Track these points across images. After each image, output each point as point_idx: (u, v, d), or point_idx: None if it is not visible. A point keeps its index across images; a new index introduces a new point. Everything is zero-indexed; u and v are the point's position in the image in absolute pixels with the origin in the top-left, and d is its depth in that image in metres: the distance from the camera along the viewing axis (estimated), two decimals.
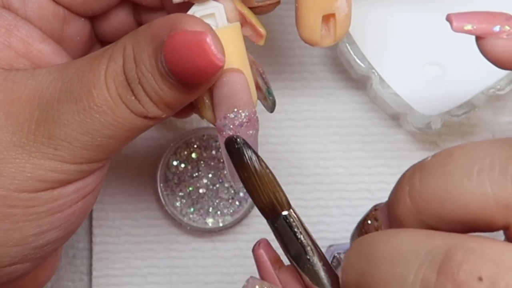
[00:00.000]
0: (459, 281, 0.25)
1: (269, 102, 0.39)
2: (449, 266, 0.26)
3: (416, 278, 0.27)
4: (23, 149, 0.34)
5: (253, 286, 0.32)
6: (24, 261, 0.36)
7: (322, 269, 0.34)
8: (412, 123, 0.50)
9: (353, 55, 0.50)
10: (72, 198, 0.36)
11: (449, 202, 0.28)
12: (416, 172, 0.30)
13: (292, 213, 0.35)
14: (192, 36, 0.32)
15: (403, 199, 0.30)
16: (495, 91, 0.50)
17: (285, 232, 0.35)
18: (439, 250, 0.27)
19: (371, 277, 0.28)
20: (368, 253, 0.29)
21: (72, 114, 0.34)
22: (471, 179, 0.28)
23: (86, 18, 0.40)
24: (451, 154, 0.29)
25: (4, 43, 0.36)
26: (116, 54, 0.34)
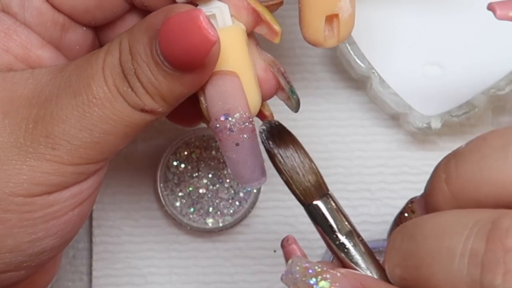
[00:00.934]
0: (509, 246, 0.26)
1: (293, 102, 0.39)
2: (497, 233, 0.26)
3: (465, 249, 0.27)
4: (20, 149, 0.34)
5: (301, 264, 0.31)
6: (19, 268, 0.36)
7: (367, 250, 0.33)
8: (412, 123, 0.50)
9: (353, 55, 0.50)
10: (68, 204, 0.36)
11: (486, 185, 0.28)
12: (451, 159, 0.30)
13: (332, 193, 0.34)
14: (185, 14, 0.32)
15: (440, 187, 0.29)
16: (495, 91, 0.50)
17: (335, 211, 0.33)
18: (486, 221, 0.27)
19: (418, 255, 0.28)
20: (413, 233, 0.29)
21: (70, 108, 0.34)
22: (507, 159, 0.28)
23: (88, 27, 0.40)
24: (484, 139, 0.29)
25: (3, 48, 0.36)
26: (112, 47, 0.34)
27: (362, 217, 0.53)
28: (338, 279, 0.30)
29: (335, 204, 0.34)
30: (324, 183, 0.34)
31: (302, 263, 0.31)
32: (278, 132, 0.35)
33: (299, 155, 0.34)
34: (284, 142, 0.35)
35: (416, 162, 0.53)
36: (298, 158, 0.34)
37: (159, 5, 0.38)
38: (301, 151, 0.34)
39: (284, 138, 0.35)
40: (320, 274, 0.30)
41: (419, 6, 0.51)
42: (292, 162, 0.34)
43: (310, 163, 0.34)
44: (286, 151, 0.34)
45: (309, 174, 0.34)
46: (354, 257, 0.33)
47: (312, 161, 0.34)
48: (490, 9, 0.38)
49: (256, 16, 0.36)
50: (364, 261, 0.33)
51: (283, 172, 0.34)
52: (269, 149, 0.35)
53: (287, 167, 0.34)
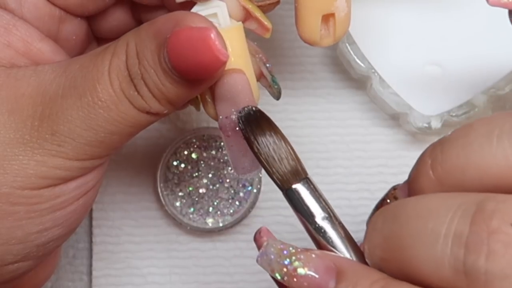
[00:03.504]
0: (492, 228, 0.26)
1: (275, 90, 0.39)
2: (481, 215, 0.26)
3: (448, 231, 0.27)
4: (26, 146, 0.34)
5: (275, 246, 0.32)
6: (27, 259, 0.37)
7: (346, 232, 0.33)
8: (412, 123, 0.50)
9: (353, 55, 0.50)
10: (74, 194, 0.36)
11: (471, 168, 0.28)
12: (437, 146, 0.30)
13: (310, 177, 0.34)
14: (196, 32, 0.33)
15: (426, 173, 0.30)
16: (495, 91, 0.50)
17: (313, 195, 0.33)
18: (471, 204, 0.27)
19: (400, 236, 0.28)
20: (396, 214, 0.29)
21: (76, 109, 0.34)
22: (492, 144, 0.28)
23: (82, 17, 0.40)
24: (471, 126, 0.29)
25: (4, 42, 0.37)
26: (119, 50, 0.34)
27: (362, 217, 0.52)
28: (311, 260, 0.30)
29: (313, 188, 0.34)
30: (303, 168, 0.34)
31: (277, 245, 0.31)
32: (255, 118, 0.35)
33: (276, 141, 0.34)
34: (261, 128, 0.35)
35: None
36: (275, 143, 0.34)
37: None
38: (279, 137, 0.34)
39: (261, 124, 0.35)
40: (294, 255, 0.31)
41: (419, 6, 0.51)
42: (269, 148, 0.34)
43: (288, 148, 0.34)
44: (263, 137, 0.34)
45: (286, 159, 0.34)
46: (333, 241, 0.33)
47: (290, 146, 0.34)
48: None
49: (246, 13, 0.37)
50: (342, 244, 0.33)
51: (260, 158, 0.34)
52: (247, 135, 0.35)
53: (264, 153, 0.34)
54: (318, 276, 0.30)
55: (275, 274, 0.31)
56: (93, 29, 0.42)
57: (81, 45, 0.41)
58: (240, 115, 0.35)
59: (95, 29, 0.42)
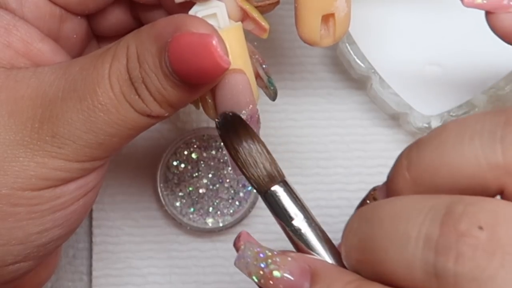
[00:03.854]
0: (461, 231, 0.26)
1: (271, 91, 0.39)
2: (450, 218, 0.27)
3: (419, 233, 0.27)
4: (26, 147, 0.34)
5: (252, 249, 0.32)
6: (27, 259, 0.37)
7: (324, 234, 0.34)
8: (412, 123, 0.50)
9: (353, 55, 0.50)
10: (74, 195, 0.36)
11: (444, 168, 0.29)
12: (414, 147, 0.30)
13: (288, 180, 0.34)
14: (197, 38, 0.33)
15: (402, 174, 0.30)
16: (495, 91, 0.50)
17: (290, 197, 0.34)
18: (441, 206, 0.27)
19: (373, 238, 0.29)
20: (370, 216, 0.29)
21: (76, 112, 0.34)
22: (463, 144, 0.28)
23: (82, 16, 0.41)
24: (445, 126, 0.30)
25: (4, 43, 0.37)
26: (119, 53, 0.34)
27: None
28: (287, 263, 0.31)
29: (290, 190, 0.34)
30: (279, 170, 0.34)
31: (253, 248, 0.32)
32: (231, 122, 0.35)
33: (253, 144, 0.34)
34: (237, 133, 0.35)
35: None
36: (253, 147, 0.34)
37: None
38: (255, 140, 0.35)
39: (238, 128, 0.35)
40: (270, 258, 0.31)
41: (419, 6, 0.51)
42: (246, 151, 0.34)
43: (264, 152, 0.34)
44: (240, 141, 0.35)
45: (263, 162, 0.34)
46: (310, 242, 0.33)
47: (266, 149, 0.35)
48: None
49: (243, 13, 0.37)
50: (320, 246, 0.33)
51: (237, 162, 0.34)
52: (224, 140, 0.35)
53: (242, 157, 0.34)
54: (294, 278, 0.31)
55: (252, 276, 0.32)
56: (92, 27, 0.42)
57: (81, 44, 0.41)
58: (218, 120, 0.35)
59: (95, 27, 0.42)
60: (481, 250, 0.26)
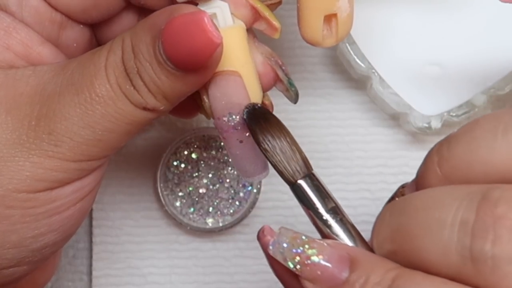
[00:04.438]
0: (498, 214, 0.26)
1: (292, 93, 0.39)
2: (487, 202, 0.27)
3: (454, 219, 0.27)
4: (22, 146, 0.34)
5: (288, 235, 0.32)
6: (22, 264, 0.36)
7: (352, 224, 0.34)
8: (412, 123, 0.50)
9: (353, 55, 0.50)
10: (71, 199, 0.36)
11: (477, 164, 0.29)
12: (444, 143, 0.30)
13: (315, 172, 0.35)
14: (189, 16, 0.33)
15: (433, 170, 0.30)
16: (495, 91, 0.50)
17: (319, 188, 0.34)
18: (477, 193, 0.27)
19: (408, 227, 0.29)
20: (403, 207, 0.29)
21: (73, 106, 0.34)
22: (496, 138, 0.28)
23: (85, 25, 0.40)
24: (477, 122, 0.30)
25: (4, 45, 0.36)
26: (115, 46, 0.35)
27: (362, 217, 0.52)
28: (325, 249, 0.31)
29: (319, 182, 0.34)
30: (308, 162, 0.35)
31: (289, 233, 0.31)
32: (261, 114, 0.35)
33: (283, 137, 0.35)
34: (269, 124, 0.35)
35: (416, 162, 0.52)
36: (283, 139, 0.35)
37: (155, 2, 0.38)
38: (285, 133, 0.35)
39: (269, 120, 0.35)
40: (307, 243, 0.31)
41: (419, 6, 0.51)
42: (277, 144, 0.35)
43: (294, 144, 0.35)
44: (271, 133, 0.35)
45: (293, 154, 0.34)
46: (339, 233, 0.33)
47: (295, 142, 0.35)
48: None
49: (254, 12, 0.37)
50: (349, 237, 0.33)
51: (269, 153, 0.35)
52: (253, 131, 0.35)
53: (272, 148, 0.34)
54: (332, 265, 0.30)
55: (288, 262, 0.31)
56: (98, 36, 0.42)
57: (82, 52, 0.41)
58: (246, 110, 0.35)
59: (100, 36, 0.42)
60: None
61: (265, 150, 0.35)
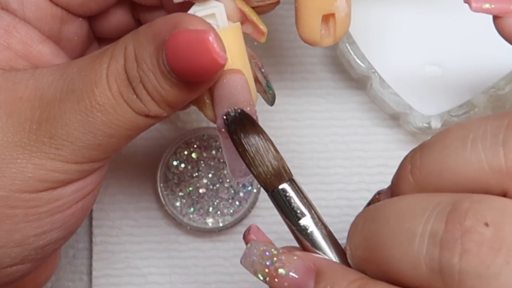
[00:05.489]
0: (466, 227, 0.26)
1: (269, 96, 0.39)
2: (456, 214, 0.27)
3: (424, 230, 0.27)
4: (24, 149, 0.34)
5: (258, 247, 0.32)
6: (25, 262, 0.36)
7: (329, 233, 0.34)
8: (412, 123, 0.50)
9: (353, 55, 0.50)
10: (73, 198, 0.36)
11: (447, 172, 0.29)
12: (417, 151, 0.31)
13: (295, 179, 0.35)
14: (194, 34, 0.32)
15: (406, 177, 0.30)
16: (495, 90, 0.50)
17: (297, 196, 0.34)
18: (446, 203, 0.27)
19: (379, 236, 0.29)
20: (375, 215, 0.30)
21: (74, 113, 0.34)
22: (466, 148, 0.29)
23: (83, 18, 0.40)
24: (448, 130, 0.30)
25: (4, 44, 0.36)
26: (117, 53, 0.34)
27: None
28: (292, 261, 0.31)
29: (298, 189, 0.34)
30: (287, 169, 0.35)
31: (259, 246, 0.32)
32: (241, 119, 0.35)
33: (262, 142, 0.35)
34: (247, 130, 0.35)
35: None
36: (261, 145, 0.35)
37: None
38: (264, 138, 0.35)
39: (247, 125, 0.35)
40: (276, 256, 0.31)
41: (419, 6, 0.51)
42: (255, 149, 0.34)
43: (273, 150, 0.35)
44: (249, 138, 0.35)
45: (271, 160, 0.34)
46: (316, 241, 0.33)
47: (275, 147, 0.35)
48: (466, 2, 0.38)
49: (242, 16, 0.37)
50: (325, 245, 0.33)
51: (245, 159, 0.35)
52: (233, 137, 0.35)
53: (250, 154, 0.34)
54: (298, 276, 0.31)
55: (258, 275, 0.32)
56: (94, 29, 0.42)
57: (82, 45, 0.41)
58: (226, 117, 0.35)
59: (96, 29, 0.42)
60: (486, 246, 0.26)
61: (243, 156, 0.35)
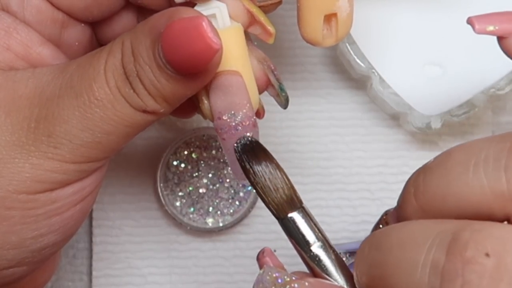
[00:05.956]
0: (467, 258, 0.26)
1: (282, 99, 0.39)
2: (457, 245, 0.27)
3: (426, 260, 0.27)
4: (22, 148, 0.34)
5: (271, 274, 0.32)
6: (22, 264, 0.36)
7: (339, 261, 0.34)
8: (412, 123, 0.50)
9: (353, 55, 0.50)
10: (71, 200, 0.36)
11: (450, 197, 0.29)
12: (420, 174, 0.31)
13: (305, 206, 0.35)
14: (188, 21, 0.33)
15: (409, 201, 0.30)
16: (495, 91, 0.50)
17: (307, 223, 0.34)
18: (448, 233, 0.27)
19: (383, 264, 0.29)
20: (380, 242, 0.30)
21: (72, 109, 0.34)
22: (468, 173, 0.29)
23: (86, 23, 0.40)
24: (450, 153, 0.30)
25: (4, 45, 0.36)
26: (114, 48, 0.34)
27: (362, 217, 0.53)
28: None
29: (308, 217, 0.35)
30: (297, 197, 0.35)
31: (272, 273, 0.32)
32: (251, 147, 0.36)
33: (272, 170, 0.35)
34: (257, 157, 0.35)
35: (416, 162, 0.53)
36: (271, 173, 0.35)
37: (153, 1, 0.38)
38: (274, 166, 0.35)
39: (257, 153, 0.35)
40: (288, 284, 0.32)
41: (420, 6, 0.51)
42: (265, 177, 0.35)
43: (283, 178, 0.35)
44: (259, 166, 0.35)
45: (282, 188, 0.35)
46: (327, 268, 0.34)
47: (285, 175, 0.35)
48: (469, 23, 0.38)
49: (250, 17, 0.37)
50: (335, 272, 0.34)
51: (257, 187, 0.35)
52: (243, 165, 0.35)
53: (261, 182, 0.35)
54: None
55: None
56: (97, 35, 0.42)
57: (83, 51, 0.41)
58: (237, 144, 0.36)
59: (100, 35, 0.42)
60: (487, 277, 0.26)
61: (253, 184, 0.35)
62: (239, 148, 0.36)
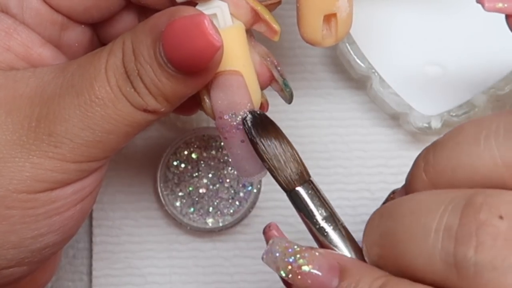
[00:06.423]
0: (481, 221, 0.27)
1: (286, 94, 0.39)
2: (470, 208, 0.27)
3: (439, 225, 0.28)
4: (22, 147, 0.34)
5: (281, 244, 0.32)
6: (21, 264, 0.36)
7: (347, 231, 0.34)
8: (412, 123, 0.50)
9: (353, 55, 0.50)
10: (71, 200, 0.36)
11: (461, 169, 0.29)
12: (430, 149, 0.31)
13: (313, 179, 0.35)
14: (189, 19, 0.33)
15: (419, 176, 0.30)
16: (495, 91, 0.50)
17: (315, 196, 0.35)
18: (461, 199, 0.28)
19: (395, 232, 0.29)
20: (391, 211, 0.30)
21: (73, 108, 0.34)
22: (479, 144, 0.29)
23: (86, 25, 0.40)
24: (461, 127, 0.30)
25: (4, 46, 0.36)
26: (115, 48, 0.34)
27: (362, 217, 0.52)
28: (315, 258, 0.31)
29: (316, 190, 0.35)
30: (306, 170, 0.35)
31: (282, 243, 0.32)
32: (260, 121, 0.36)
33: (281, 144, 0.35)
34: (267, 131, 0.35)
35: None
36: (280, 146, 0.35)
37: (155, 1, 0.38)
38: (283, 140, 0.35)
39: (267, 127, 0.36)
40: (299, 253, 0.31)
41: (420, 6, 0.51)
42: (274, 151, 0.35)
43: (292, 151, 0.35)
44: (268, 140, 0.35)
45: (290, 161, 0.35)
46: (334, 240, 0.34)
47: (294, 149, 0.35)
48: (479, 2, 0.38)
49: (254, 14, 0.37)
50: (343, 244, 0.34)
51: (266, 160, 0.35)
52: (252, 138, 0.35)
53: (269, 156, 0.35)
54: (322, 274, 0.31)
55: (280, 271, 0.31)
56: (99, 35, 0.42)
57: (84, 52, 0.41)
58: (245, 117, 0.36)
59: (102, 35, 0.41)
60: (501, 239, 0.26)
61: (262, 157, 0.35)
62: (247, 121, 0.36)
